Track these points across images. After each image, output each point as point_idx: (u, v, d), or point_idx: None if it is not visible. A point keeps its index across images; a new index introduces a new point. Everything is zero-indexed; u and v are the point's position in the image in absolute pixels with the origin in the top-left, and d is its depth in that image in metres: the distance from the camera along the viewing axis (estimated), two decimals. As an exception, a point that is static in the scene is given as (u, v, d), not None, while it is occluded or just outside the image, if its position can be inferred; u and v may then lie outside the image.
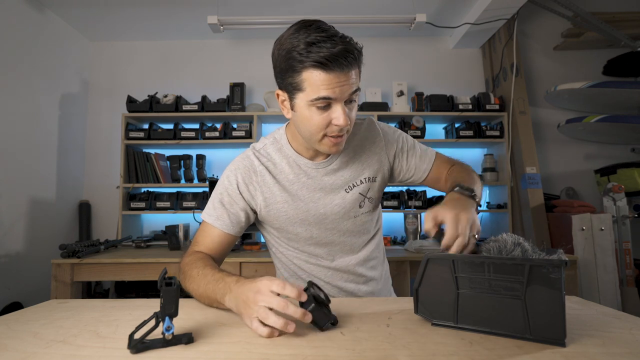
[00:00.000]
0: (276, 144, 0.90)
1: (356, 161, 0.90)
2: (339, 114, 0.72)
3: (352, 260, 0.92)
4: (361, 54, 0.73)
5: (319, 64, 0.67)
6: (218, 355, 0.49)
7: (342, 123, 0.72)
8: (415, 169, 0.96)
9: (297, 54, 0.69)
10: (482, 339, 0.53)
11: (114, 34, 2.73)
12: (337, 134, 0.76)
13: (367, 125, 0.94)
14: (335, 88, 0.70)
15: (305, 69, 0.69)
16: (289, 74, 0.72)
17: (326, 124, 0.74)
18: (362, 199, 0.90)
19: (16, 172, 2.12)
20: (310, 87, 0.70)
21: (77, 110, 2.68)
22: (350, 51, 0.69)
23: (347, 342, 0.52)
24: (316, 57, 0.67)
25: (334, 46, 0.67)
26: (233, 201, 0.86)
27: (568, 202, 2.27)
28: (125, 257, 1.82)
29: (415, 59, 2.82)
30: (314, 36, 0.68)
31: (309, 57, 0.68)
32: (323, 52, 0.67)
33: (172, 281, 0.52)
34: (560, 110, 2.68)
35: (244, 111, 2.52)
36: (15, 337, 0.56)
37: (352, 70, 0.71)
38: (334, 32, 0.71)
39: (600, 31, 2.28)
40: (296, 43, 0.69)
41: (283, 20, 2.26)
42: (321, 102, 0.71)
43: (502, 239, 0.60)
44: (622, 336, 0.54)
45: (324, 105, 0.72)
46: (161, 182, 2.46)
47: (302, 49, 0.68)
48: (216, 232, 0.85)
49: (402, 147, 0.95)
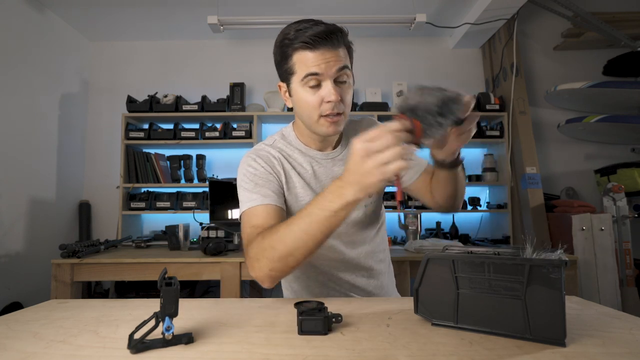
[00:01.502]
0: (285, 139, 0.92)
1: None
2: (329, 89, 0.76)
3: (362, 251, 0.92)
4: (346, 35, 0.79)
5: (305, 44, 0.74)
6: (218, 355, 0.49)
7: (333, 98, 0.75)
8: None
9: (288, 40, 0.76)
10: (482, 339, 0.53)
11: (114, 34, 2.73)
12: (331, 112, 0.77)
13: (367, 123, 0.97)
14: (322, 64, 0.74)
15: (295, 52, 0.76)
16: (284, 62, 0.79)
17: (319, 102, 0.77)
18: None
19: (16, 172, 2.12)
20: (300, 68, 0.77)
21: (77, 110, 2.68)
22: (333, 31, 0.75)
23: (347, 342, 0.52)
24: (302, 39, 0.74)
25: (318, 28, 0.74)
26: (266, 179, 0.83)
27: (568, 202, 2.27)
28: (125, 257, 1.82)
29: (415, 59, 2.82)
30: (302, 24, 0.76)
31: (296, 40, 0.75)
32: (308, 33, 0.74)
33: (172, 281, 0.52)
34: (560, 110, 2.68)
35: (244, 111, 2.52)
36: (15, 337, 0.56)
37: (338, 48, 0.76)
38: (316, 20, 0.77)
39: (600, 31, 2.28)
40: (287, 31, 0.77)
41: (283, 20, 2.26)
42: (310, 79, 0.76)
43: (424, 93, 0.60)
44: (622, 336, 0.54)
45: (314, 84, 0.76)
46: (161, 182, 2.46)
47: (291, 35, 0.76)
48: (269, 208, 0.79)
49: None
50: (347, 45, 0.80)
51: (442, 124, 0.59)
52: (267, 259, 0.68)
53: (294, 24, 0.77)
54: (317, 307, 0.58)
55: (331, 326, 0.57)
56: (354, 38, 0.82)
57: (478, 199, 2.50)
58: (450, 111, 0.59)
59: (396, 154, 0.55)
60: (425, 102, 0.59)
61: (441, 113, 0.59)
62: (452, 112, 0.60)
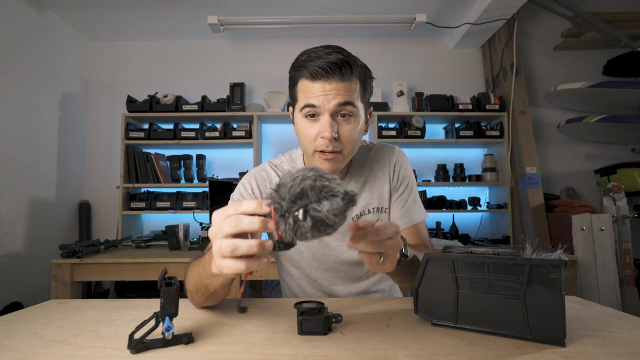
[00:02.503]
0: (292, 162, 0.91)
1: (366, 190, 0.88)
2: (322, 124, 0.73)
3: (353, 289, 0.89)
4: (359, 67, 0.74)
5: (309, 74, 0.72)
6: (218, 355, 0.49)
7: (327, 135, 0.72)
8: (393, 217, 0.89)
9: (296, 66, 0.75)
10: (482, 339, 0.53)
11: (114, 34, 2.73)
12: (325, 149, 0.74)
13: (383, 153, 0.90)
14: (320, 96, 0.71)
15: (299, 79, 0.75)
16: (291, 86, 0.78)
17: (314, 136, 0.74)
18: None
19: (16, 172, 2.12)
20: (301, 97, 0.75)
21: (77, 110, 2.68)
22: (338, 63, 0.70)
23: (347, 342, 0.52)
24: (308, 66, 0.71)
25: (325, 57, 0.70)
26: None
27: (568, 202, 2.27)
28: (125, 257, 1.82)
29: (415, 59, 2.82)
30: (316, 52, 0.72)
31: (303, 67, 0.72)
32: (314, 62, 0.71)
33: (172, 281, 0.52)
34: (560, 110, 2.68)
35: (244, 111, 2.52)
36: (15, 337, 0.56)
37: (342, 82, 0.71)
38: (338, 49, 0.73)
39: (600, 31, 2.28)
40: (300, 56, 0.75)
41: (283, 21, 2.26)
42: (308, 110, 0.73)
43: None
44: (622, 336, 0.54)
45: (311, 115, 0.74)
46: (161, 182, 2.46)
47: (300, 61, 0.73)
48: None
49: (399, 188, 0.89)
50: (360, 78, 0.75)
51: (298, 225, 0.44)
52: (186, 286, 0.68)
53: (312, 48, 0.73)
54: (317, 307, 0.58)
55: (331, 326, 0.57)
56: (354, 38, 0.81)
57: (478, 199, 2.50)
58: (316, 211, 0.44)
59: (230, 248, 0.46)
60: (290, 185, 0.45)
61: (303, 208, 0.44)
62: (319, 215, 0.44)
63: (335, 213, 0.44)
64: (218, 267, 0.48)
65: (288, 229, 0.45)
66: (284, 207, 0.45)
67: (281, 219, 0.45)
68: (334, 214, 0.44)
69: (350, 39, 2.75)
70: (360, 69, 0.75)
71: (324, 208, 0.44)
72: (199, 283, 0.62)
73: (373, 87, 0.82)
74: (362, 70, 0.76)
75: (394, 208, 0.88)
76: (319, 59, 0.70)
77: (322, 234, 0.46)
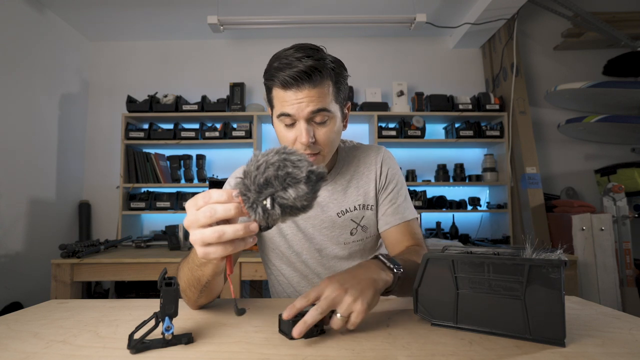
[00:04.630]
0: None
1: (352, 187, 0.88)
2: (299, 131, 0.73)
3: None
4: (330, 70, 0.73)
5: (280, 82, 0.71)
6: (218, 355, 0.49)
7: (303, 141, 0.72)
8: (378, 218, 0.89)
9: (269, 74, 0.74)
10: (481, 339, 0.53)
11: (114, 34, 2.73)
12: (304, 152, 0.74)
13: (374, 154, 0.91)
14: (293, 105, 0.72)
15: (273, 87, 0.75)
16: (267, 91, 0.78)
17: (293, 140, 0.75)
18: (355, 226, 0.87)
19: (16, 172, 2.12)
20: (276, 104, 0.75)
21: (77, 110, 2.68)
22: (311, 72, 0.69)
23: (347, 342, 0.52)
24: (279, 76, 0.71)
25: (296, 65, 0.69)
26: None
27: (568, 202, 2.27)
28: (125, 257, 1.82)
29: (415, 59, 2.82)
30: (286, 58, 0.71)
31: (275, 76, 0.72)
32: (284, 72, 0.70)
33: (172, 281, 0.52)
34: (561, 110, 2.68)
35: (244, 111, 2.53)
36: (15, 337, 0.56)
37: (314, 88, 0.71)
38: (309, 52, 0.71)
39: (601, 31, 2.28)
40: (271, 62, 0.74)
41: (283, 20, 2.26)
42: (284, 118, 0.74)
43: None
44: (622, 336, 0.54)
45: (289, 123, 0.74)
46: (161, 182, 2.46)
47: (272, 70, 0.73)
48: None
49: (388, 187, 0.89)
50: (333, 80, 0.75)
51: (268, 213, 0.45)
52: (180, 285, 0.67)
53: (283, 52, 0.73)
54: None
55: (323, 327, 0.56)
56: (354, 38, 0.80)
57: (478, 199, 2.50)
58: (282, 198, 0.44)
59: (216, 235, 0.46)
60: (254, 174, 0.45)
61: (270, 197, 0.44)
62: (286, 202, 0.44)
63: (302, 198, 0.44)
64: (204, 254, 0.49)
65: (259, 218, 0.45)
66: (251, 198, 0.45)
67: (251, 209, 0.46)
68: (302, 199, 0.45)
69: (350, 39, 2.75)
70: (331, 71, 0.74)
71: (290, 196, 0.44)
72: (191, 277, 0.62)
73: (347, 81, 0.81)
74: (333, 72, 0.75)
75: (384, 206, 0.88)
76: (289, 67, 0.70)
77: (296, 215, 0.47)
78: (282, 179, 0.44)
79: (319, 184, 0.46)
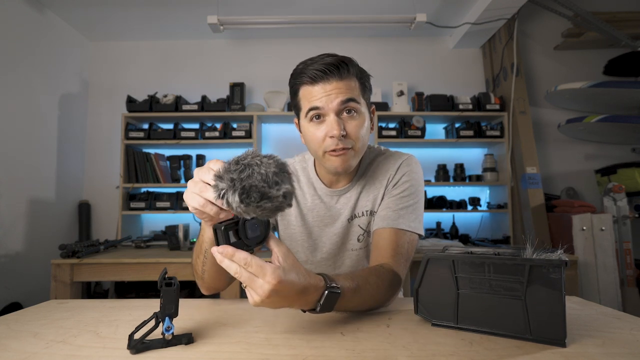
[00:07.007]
0: (303, 163, 0.93)
1: (364, 192, 0.87)
2: (329, 123, 0.74)
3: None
4: (355, 66, 0.77)
5: (308, 79, 0.74)
6: (218, 356, 0.49)
7: (335, 133, 0.73)
8: (378, 215, 0.83)
9: (294, 76, 0.77)
10: (482, 339, 0.53)
11: (114, 34, 2.73)
12: (336, 147, 0.74)
13: (392, 157, 0.88)
14: (322, 97, 0.73)
15: (300, 87, 0.77)
16: (293, 97, 0.80)
17: (323, 138, 0.76)
18: (362, 233, 0.87)
19: (16, 172, 2.12)
20: (304, 103, 0.77)
21: (77, 110, 2.68)
22: (335, 64, 0.73)
23: (347, 342, 0.52)
24: (307, 71, 0.74)
25: (324, 61, 0.73)
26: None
27: (568, 202, 2.27)
28: (125, 257, 1.82)
29: (415, 59, 2.82)
30: (312, 59, 0.75)
31: (303, 73, 0.75)
32: (312, 67, 0.74)
33: (172, 281, 0.52)
34: (561, 110, 2.68)
35: (243, 111, 2.52)
36: (15, 337, 0.56)
37: (342, 81, 0.74)
38: (331, 53, 0.75)
39: (601, 31, 2.28)
40: (297, 66, 0.77)
41: (283, 20, 2.26)
42: (313, 112, 0.75)
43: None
44: (622, 336, 0.54)
45: (317, 117, 0.76)
46: (161, 182, 2.46)
47: (298, 70, 0.77)
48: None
49: (394, 190, 0.84)
50: (358, 77, 0.77)
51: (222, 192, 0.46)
52: (193, 267, 0.74)
53: (308, 59, 0.76)
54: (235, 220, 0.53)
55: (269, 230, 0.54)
56: (354, 38, 0.82)
57: (478, 199, 2.50)
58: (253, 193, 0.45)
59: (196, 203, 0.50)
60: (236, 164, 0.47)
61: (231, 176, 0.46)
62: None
63: (259, 180, 0.46)
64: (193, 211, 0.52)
65: (224, 202, 0.47)
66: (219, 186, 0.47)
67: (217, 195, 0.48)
68: (259, 181, 0.46)
69: (350, 39, 2.75)
70: (357, 67, 0.77)
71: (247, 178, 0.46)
72: (196, 246, 0.70)
73: (372, 86, 0.83)
74: (359, 69, 0.78)
75: (382, 207, 0.83)
76: (316, 63, 0.73)
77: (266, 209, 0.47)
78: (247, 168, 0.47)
79: (281, 175, 0.48)
